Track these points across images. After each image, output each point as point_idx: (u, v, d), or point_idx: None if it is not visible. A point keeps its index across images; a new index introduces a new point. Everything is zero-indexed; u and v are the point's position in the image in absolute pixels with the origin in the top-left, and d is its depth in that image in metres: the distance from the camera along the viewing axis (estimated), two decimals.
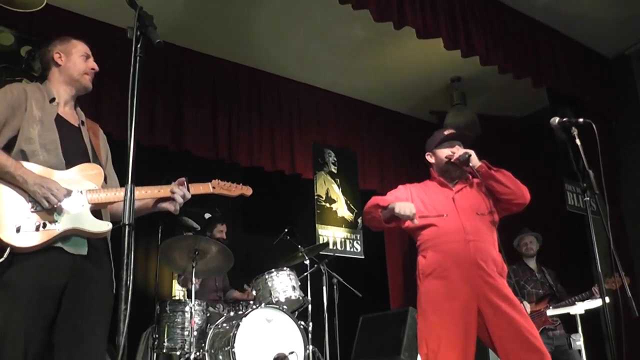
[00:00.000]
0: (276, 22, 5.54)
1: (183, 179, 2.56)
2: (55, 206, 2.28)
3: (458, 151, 3.29)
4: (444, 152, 3.34)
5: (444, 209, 3.20)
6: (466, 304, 2.99)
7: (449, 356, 2.91)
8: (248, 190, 2.86)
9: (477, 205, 3.23)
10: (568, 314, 4.86)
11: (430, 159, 3.43)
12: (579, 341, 4.74)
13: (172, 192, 2.52)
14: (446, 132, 3.41)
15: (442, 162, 3.33)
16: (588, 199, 2.92)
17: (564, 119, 2.99)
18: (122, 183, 1.90)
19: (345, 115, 6.88)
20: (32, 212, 2.27)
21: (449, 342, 2.93)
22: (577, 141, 2.94)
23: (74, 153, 2.47)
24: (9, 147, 2.35)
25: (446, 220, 3.16)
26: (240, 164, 5.90)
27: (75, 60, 2.61)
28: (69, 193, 2.33)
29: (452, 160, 3.28)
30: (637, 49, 6.27)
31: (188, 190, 2.56)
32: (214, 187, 2.71)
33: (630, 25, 5.88)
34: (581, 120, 2.96)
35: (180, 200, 2.53)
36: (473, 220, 3.16)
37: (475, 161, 3.23)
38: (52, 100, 2.53)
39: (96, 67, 2.66)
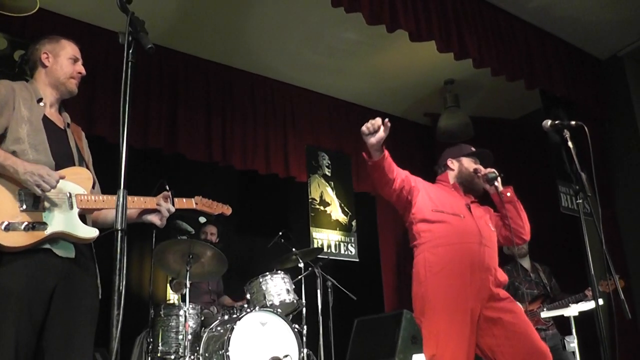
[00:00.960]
0: (269, 25, 5.54)
1: (168, 193, 2.57)
2: (48, 191, 2.24)
3: (487, 168, 3.36)
4: (471, 163, 3.39)
5: (460, 211, 3.20)
6: (473, 306, 2.99)
7: (456, 357, 2.89)
8: (228, 210, 2.91)
9: (487, 219, 3.31)
10: (562, 315, 4.87)
11: (451, 165, 3.44)
12: (572, 343, 4.74)
13: (158, 205, 2.53)
14: (473, 149, 3.49)
15: (468, 171, 3.37)
16: (581, 201, 2.93)
17: (556, 122, 3.00)
18: (114, 188, 1.89)
19: (339, 118, 6.87)
20: (21, 211, 2.24)
21: (459, 342, 2.91)
22: (570, 143, 2.94)
23: (61, 155, 2.43)
24: None
25: (463, 221, 3.16)
26: (234, 167, 5.88)
27: (62, 63, 2.55)
28: (61, 179, 2.28)
29: (480, 173, 3.32)
30: (630, 50, 6.28)
31: (173, 204, 2.57)
32: (196, 203, 2.75)
33: (622, 27, 5.89)
34: (573, 122, 2.97)
35: (166, 213, 2.54)
36: (487, 228, 3.21)
37: (500, 183, 3.31)
38: (40, 100, 2.48)
39: (83, 71, 2.61)
